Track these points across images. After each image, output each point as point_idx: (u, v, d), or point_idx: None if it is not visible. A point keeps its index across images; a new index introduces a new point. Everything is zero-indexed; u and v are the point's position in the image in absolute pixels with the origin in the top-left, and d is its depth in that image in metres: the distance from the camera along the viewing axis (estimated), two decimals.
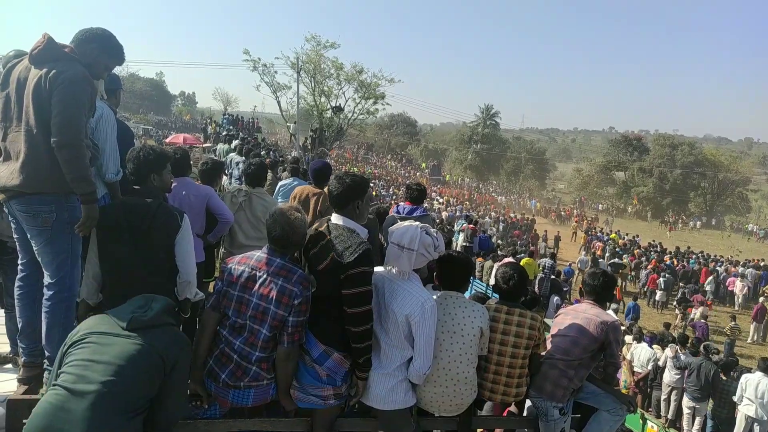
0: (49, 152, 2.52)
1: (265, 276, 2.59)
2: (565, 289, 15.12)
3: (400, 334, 2.72)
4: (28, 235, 2.68)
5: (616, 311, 12.93)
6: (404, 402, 2.80)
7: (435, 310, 2.76)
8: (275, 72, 26.39)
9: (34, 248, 2.69)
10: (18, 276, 2.85)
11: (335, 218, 2.73)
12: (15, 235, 2.80)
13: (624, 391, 9.11)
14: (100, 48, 2.77)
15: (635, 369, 10.08)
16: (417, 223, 2.86)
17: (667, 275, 19.46)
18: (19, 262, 2.85)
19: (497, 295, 3.34)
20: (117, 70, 3.39)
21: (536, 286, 13.63)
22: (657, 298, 19.14)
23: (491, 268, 14.56)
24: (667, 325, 13.15)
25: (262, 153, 13.05)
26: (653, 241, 29.99)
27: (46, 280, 2.70)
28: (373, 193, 26.67)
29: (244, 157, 10.42)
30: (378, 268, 2.85)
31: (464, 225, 18.74)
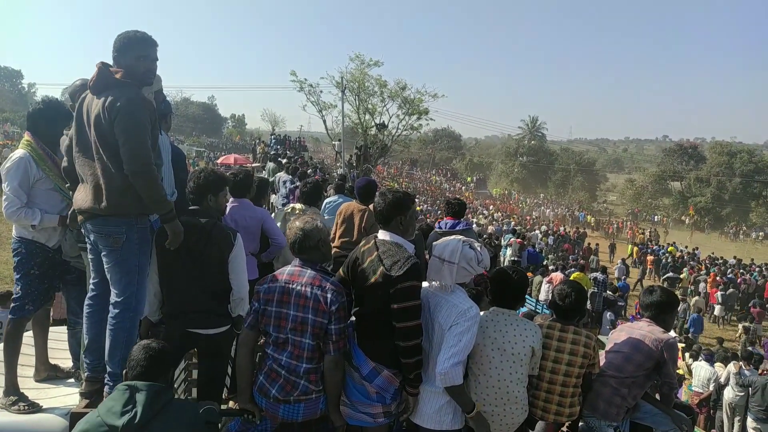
0: (118, 177, 2.65)
1: (299, 287, 2.66)
2: (620, 304, 14.59)
3: None
4: (101, 254, 2.80)
5: (674, 327, 12.36)
6: (452, 424, 2.75)
7: (478, 318, 2.73)
8: (321, 92, 26.93)
9: (105, 266, 2.81)
10: (88, 294, 2.98)
11: (382, 234, 2.76)
12: (90, 256, 2.92)
13: None
14: (131, 53, 2.75)
15: (695, 389, 9.56)
16: (460, 237, 2.86)
17: (729, 289, 18.48)
18: (91, 281, 2.98)
19: (548, 311, 3.27)
20: (170, 95, 3.51)
21: (588, 302, 13.22)
22: (716, 313, 18.21)
23: (540, 283, 14.25)
24: (721, 341, 12.47)
25: (308, 171, 13.31)
26: (713, 253, 28.56)
27: (113, 298, 2.81)
28: (418, 209, 26.67)
29: (291, 176, 10.65)
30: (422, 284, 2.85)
31: (512, 239, 18.46)
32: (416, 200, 30.04)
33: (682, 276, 20.85)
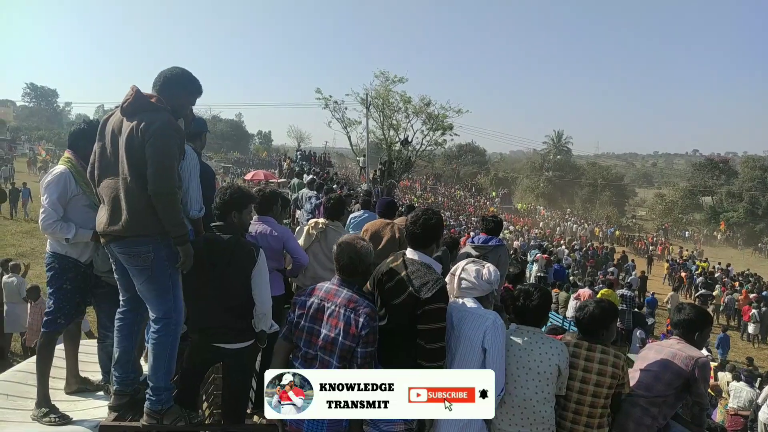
0: (143, 198, 2.68)
1: (333, 307, 2.65)
2: (650, 321, 14.21)
3: (473, 360, 2.68)
4: (130, 274, 2.84)
5: (706, 346, 11.99)
6: None
7: (504, 328, 2.76)
8: (345, 108, 27.11)
9: (137, 286, 2.85)
10: (119, 309, 3.03)
11: (410, 253, 2.77)
12: (115, 275, 2.97)
13: None
14: (183, 89, 2.91)
15: (731, 406, 9.26)
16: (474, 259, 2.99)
17: (763, 307, 17.84)
18: (121, 298, 3.03)
19: (575, 328, 3.21)
20: (200, 113, 3.58)
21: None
22: (750, 331, 17.59)
23: (567, 299, 14.00)
24: (750, 360, 12.04)
25: (334, 187, 13.39)
26: (748, 269, 27.67)
27: (152, 315, 2.84)
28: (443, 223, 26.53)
29: (315, 192, 10.73)
30: None
31: (537, 255, 18.22)
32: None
33: (714, 293, 20.26)
